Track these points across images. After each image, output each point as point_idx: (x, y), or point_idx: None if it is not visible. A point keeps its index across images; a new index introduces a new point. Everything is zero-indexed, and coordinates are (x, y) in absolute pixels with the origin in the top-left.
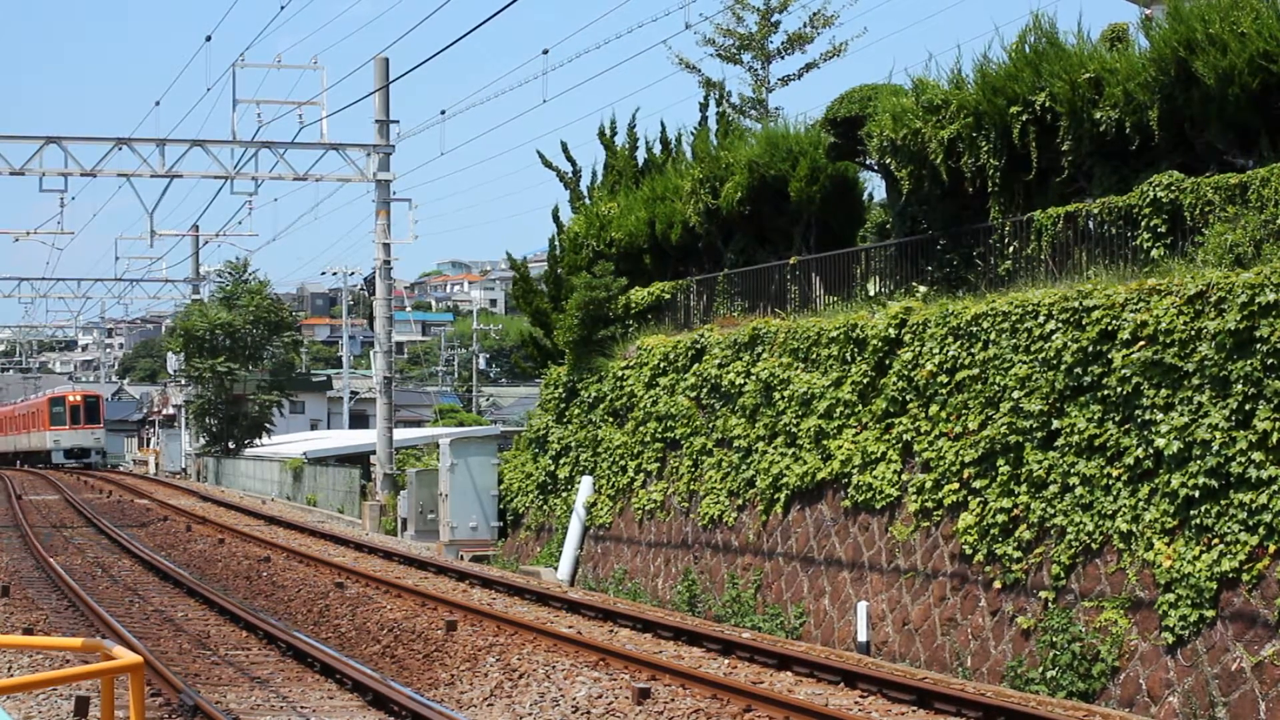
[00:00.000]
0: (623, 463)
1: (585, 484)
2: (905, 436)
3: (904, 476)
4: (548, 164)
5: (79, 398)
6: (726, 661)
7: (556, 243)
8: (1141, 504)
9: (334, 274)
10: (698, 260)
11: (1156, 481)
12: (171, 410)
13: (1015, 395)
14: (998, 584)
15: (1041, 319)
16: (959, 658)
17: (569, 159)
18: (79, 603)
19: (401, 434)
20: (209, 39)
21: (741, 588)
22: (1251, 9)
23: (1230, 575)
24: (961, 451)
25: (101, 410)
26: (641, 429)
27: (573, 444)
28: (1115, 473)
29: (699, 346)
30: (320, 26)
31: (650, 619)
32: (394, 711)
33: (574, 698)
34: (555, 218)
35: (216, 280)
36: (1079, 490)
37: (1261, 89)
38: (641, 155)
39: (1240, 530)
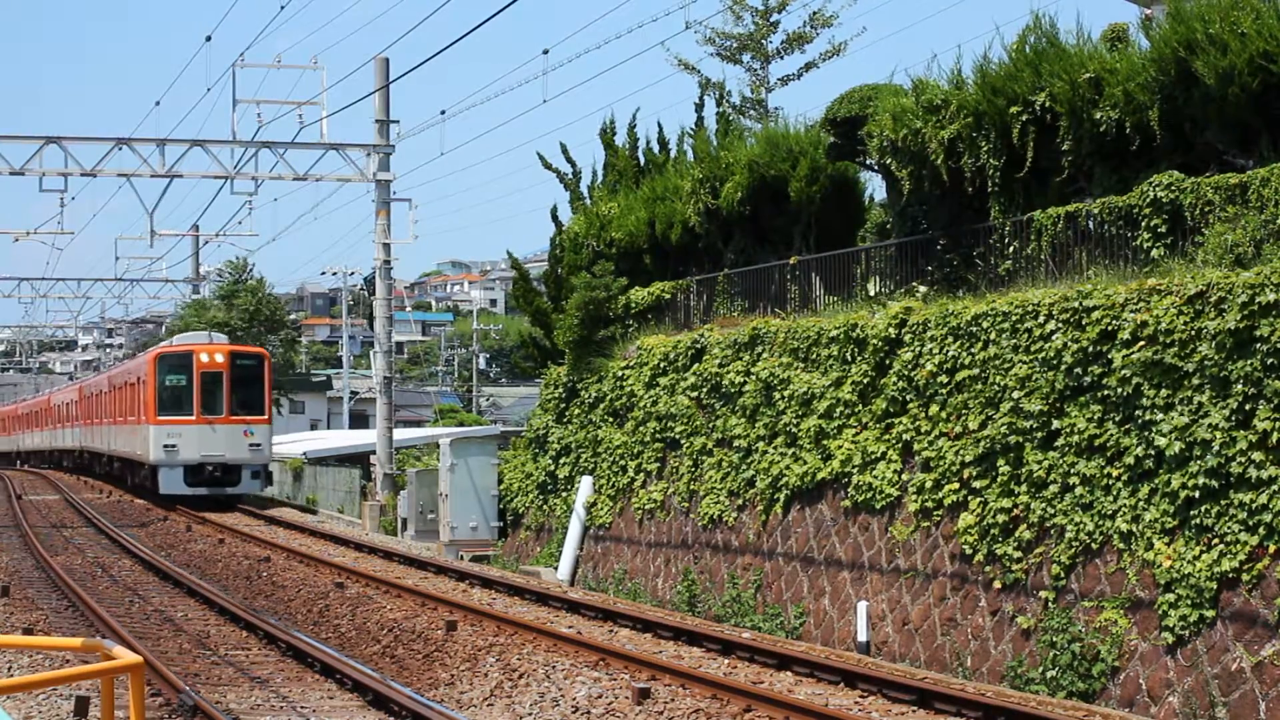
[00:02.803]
0: (623, 463)
1: (585, 484)
2: (905, 436)
3: (904, 476)
4: (547, 165)
5: (221, 357)
6: (726, 661)
7: (556, 243)
8: (1141, 504)
9: (334, 274)
10: (698, 260)
11: (1156, 481)
12: None
13: (1015, 395)
14: (998, 584)
15: (1041, 319)
16: (959, 658)
17: (568, 160)
18: (79, 603)
19: (401, 434)
20: (209, 39)
21: (741, 588)
22: (1252, 9)
23: (1230, 575)
24: (961, 451)
25: (266, 387)
26: (641, 429)
27: (573, 444)
28: (1115, 473)
29: (699, 346)
30: (320, 26)
31: (650, 619)
32: (394, 711)
33: (574, 698)
34: (554, 218)
35: (216, 280)
36: (1079, 490)
37: (1261, 89)
38: (641, 155)
39: (1240, 530)
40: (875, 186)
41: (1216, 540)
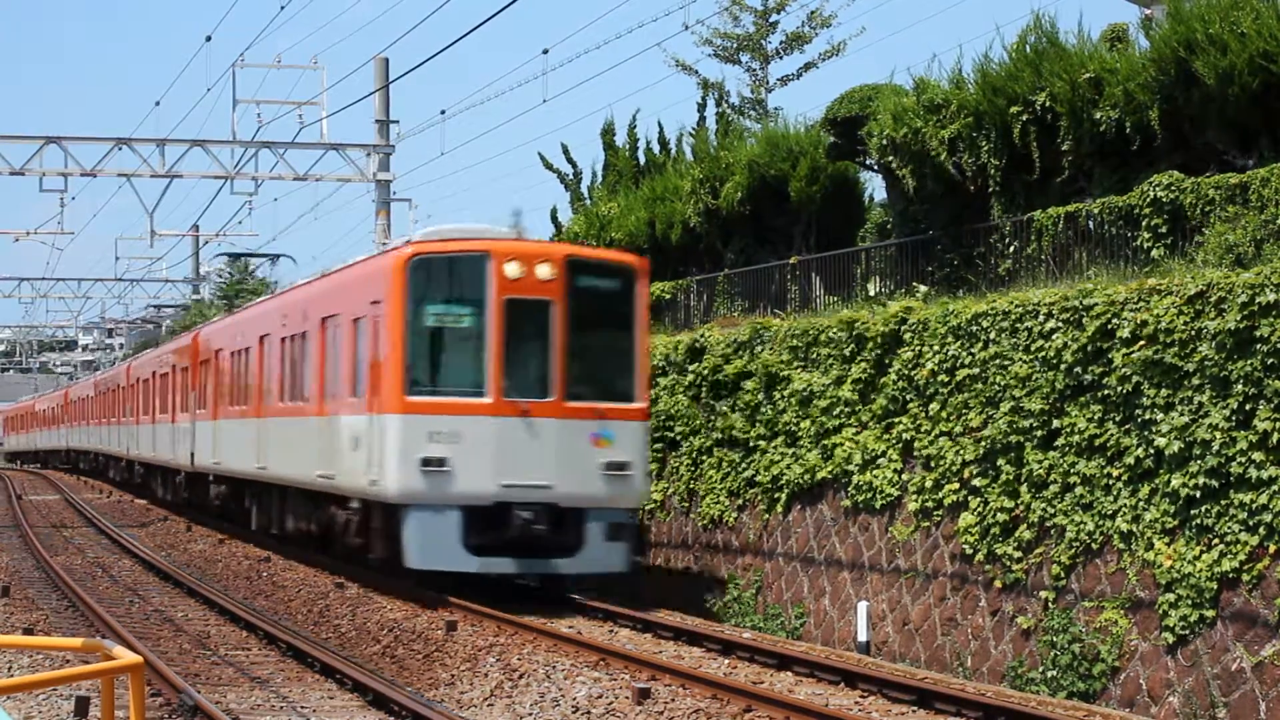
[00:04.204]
0: None
1: None
2: (905, 436)
3: (904, 476)
4: (548, 165)
5: (548, 270)
6: (726, 661)
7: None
8: (1142, 504)
9: None
10: (698, 260)
11: (1157, 481)
12: None
13: (1015, 395)
14: (998, 584)
15: (1042, 318)
16: (959, 658)
17: (569, 160)
18: (79, 603)
19: None
20: (209, 39)
21: (742, 588)
22: (1251, 9)
23: (1230, 575)
24: (961, 451)
25: (639, 339)
26: None
27: None
28: (1115, 473)
29: (699, 346)
30: (320, 26)
31: (650, 619)
32: (394, 711)
33: (574, 698)
34: (554, 219)
35: (217, 280)
36: (1079, 490)
37: (1261, 89)
38: (641, 156)
39: (1240, 530)
40: (875, 186)
41: (1217, 540)
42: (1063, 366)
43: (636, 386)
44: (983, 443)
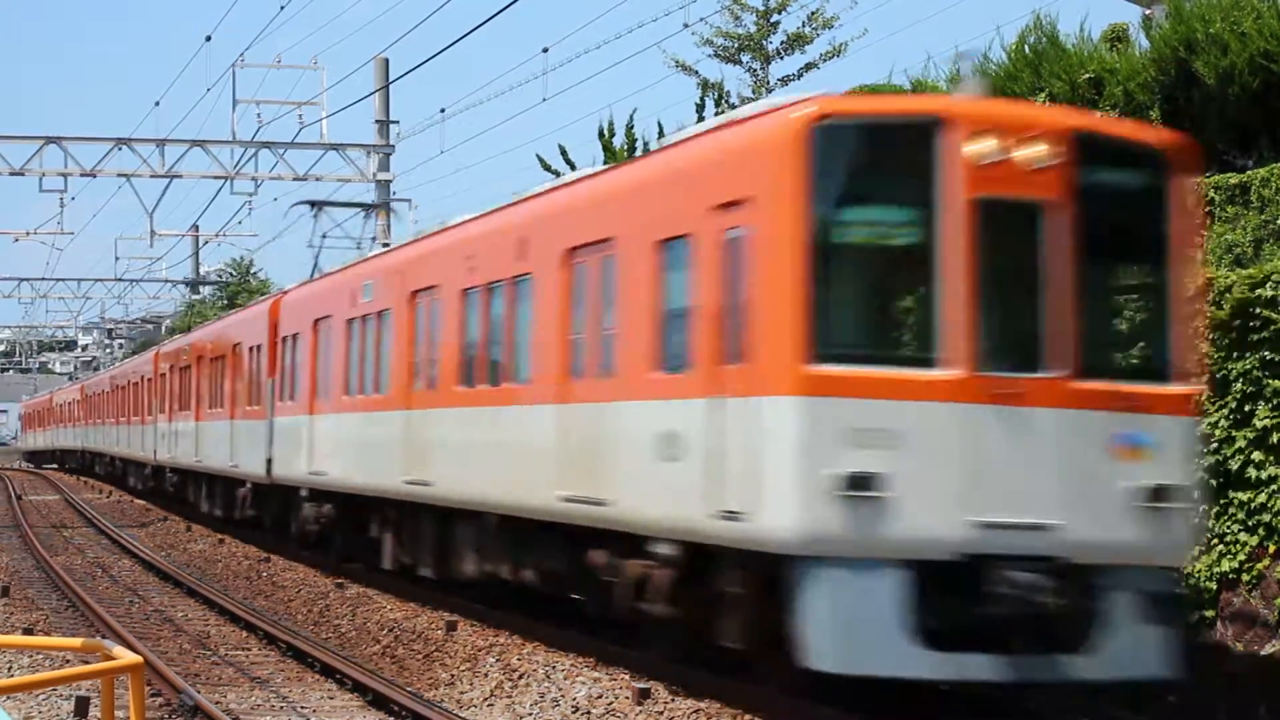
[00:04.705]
0: None
1: None
2: None
3: None
4: (546, 166)
5: (1050, 151)
6: None
7: None
8: None
9: None
10: None
11: None
12: None
13: None
14: None
15: None
16: None
17: (567, 161)
18: (79, 603)
19: None
20: (209, 39)
21: None
22: (1252, 9)
23: (1230, 575)
24: None
25: (1178, 283)
26: None
27: None
28: None
29: None
30: (320, 26)
31: None
32: (394, 711)
33: (574, 698)
34: None
35: (217, 280)
36: None
37: (1262, 88)
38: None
39: (1240, 530)
40: None
41: (1216, 540)
42: None
43: (1179, 355)
44: None
